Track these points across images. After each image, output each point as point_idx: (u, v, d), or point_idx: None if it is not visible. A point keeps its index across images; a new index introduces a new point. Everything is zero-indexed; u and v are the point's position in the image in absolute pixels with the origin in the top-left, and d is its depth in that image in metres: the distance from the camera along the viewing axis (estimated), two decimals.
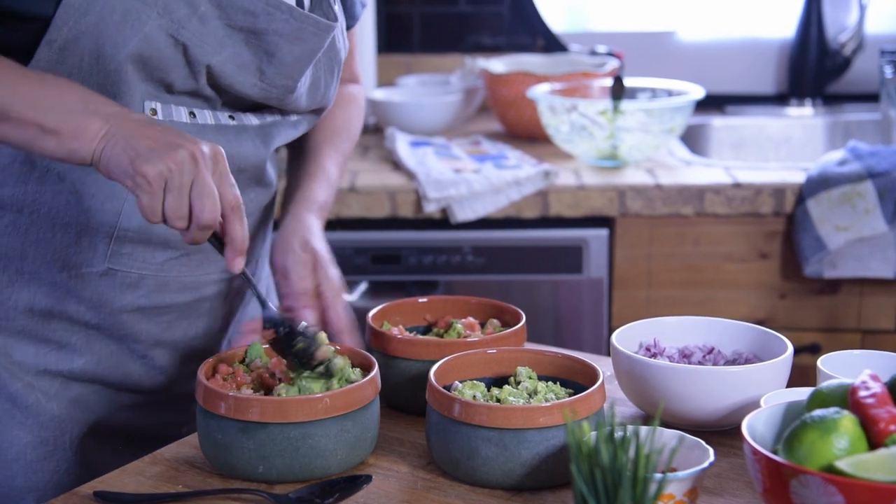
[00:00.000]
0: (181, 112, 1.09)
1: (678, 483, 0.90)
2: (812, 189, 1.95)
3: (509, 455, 0.97)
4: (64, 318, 1.14)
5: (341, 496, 0.97)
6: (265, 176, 1.21)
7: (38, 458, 1.15)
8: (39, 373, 1.15)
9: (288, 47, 1.10)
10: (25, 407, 1.15)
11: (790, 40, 2.54)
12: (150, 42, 1.03)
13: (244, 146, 1.14)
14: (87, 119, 0.97)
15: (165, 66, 1.05)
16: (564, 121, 2.08)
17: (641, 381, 1.09)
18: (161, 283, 1.15)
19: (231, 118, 1.13)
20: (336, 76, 1.22)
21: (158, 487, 1.01)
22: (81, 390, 1.17)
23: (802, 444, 0.85)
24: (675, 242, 2.01)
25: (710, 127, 2.47)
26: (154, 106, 1.07)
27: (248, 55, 1.09)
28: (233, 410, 0.98)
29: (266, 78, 1.11)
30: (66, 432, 1.17)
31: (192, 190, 0.96)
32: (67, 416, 1.17)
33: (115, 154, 0.96)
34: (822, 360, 1.09)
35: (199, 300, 1.19)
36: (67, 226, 1.11)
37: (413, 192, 1.98)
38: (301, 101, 1.18)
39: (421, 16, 2.60)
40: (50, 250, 1.12)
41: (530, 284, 2.01)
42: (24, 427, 1.15)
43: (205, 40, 1.06)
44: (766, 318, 2.01)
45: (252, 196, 1.19)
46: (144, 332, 1.17)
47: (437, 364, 1.06)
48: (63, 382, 1.16)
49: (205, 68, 1.07)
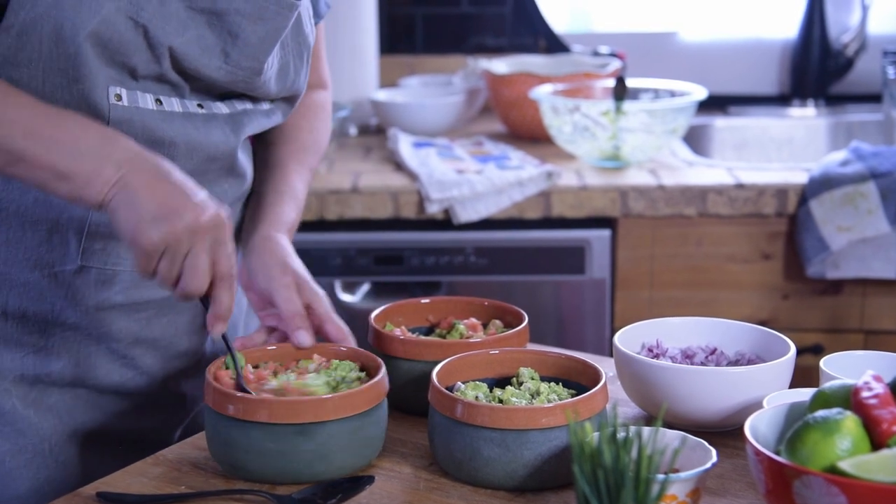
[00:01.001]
0: (147, 99, 1.08)
1: (681, 484, 0.90)
2: (815, 190, 1.95)
3: (512, 456, 0.97)
4: (39, 320, 1.12)
5: (344, 497, 0.97)
6: (237, 165, 1.19)
7: (17, 465, 1.13)
8: (16, 378, 1.13)
9: (251, 27, 1.09)
10: (2, 414, 1.12)
11: (793, 41, 2.54)
12: (108, 24, 1.02)
13: (213, 134, 1.13)
14: (101, 165, 0.99)
15: (126, 50, 1.04)
16: (567, 121, 2.08)
17: (644, 381, 1.09)
18: (137, 279, 1.13)
19: (200, 106, 1.12)
20: (306, 62, 1.21)
21: (161, 488, 1.01)
22: (61, 396, 1.15)
23: (805, 445, 0.85)
24: (677, 243, 2.01)
25: (713, 127, 2.47)
26: (119, 91, 1.06)
27: (211, 37, 1.08)
28: (241, 412, 0.98)
29: (231, 60, 1.10)
30: (44, 440, 1.14)
31: (184, 260, 0.99)
32: (46, 424, 1.14)
33: (121, 210, 0.98)
34: (825, 361, 1.09)
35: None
36: (37, 223, 1.10)
37: (416, 193, 1.98)
38: (270, 85, 1.16)
39: (423, 16, 2.60)
40: (21, 249, 1.10)
41: (533, 285, 2.01)
42: (2, 434, 1.12)
43: (166, 22, 1.05)
44: (769, 319, 2.01)
45: (225, 187, 1.18)
46: (123, 329, 1.15)
47: (439, 365, 1.06)
48: (42, 388, 1.14)
49: (167, 51, 1.06)
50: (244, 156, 1.22)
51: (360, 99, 2.40)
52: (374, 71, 2.44)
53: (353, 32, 2.39)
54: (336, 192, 1.98)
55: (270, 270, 1.14)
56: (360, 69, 2.41)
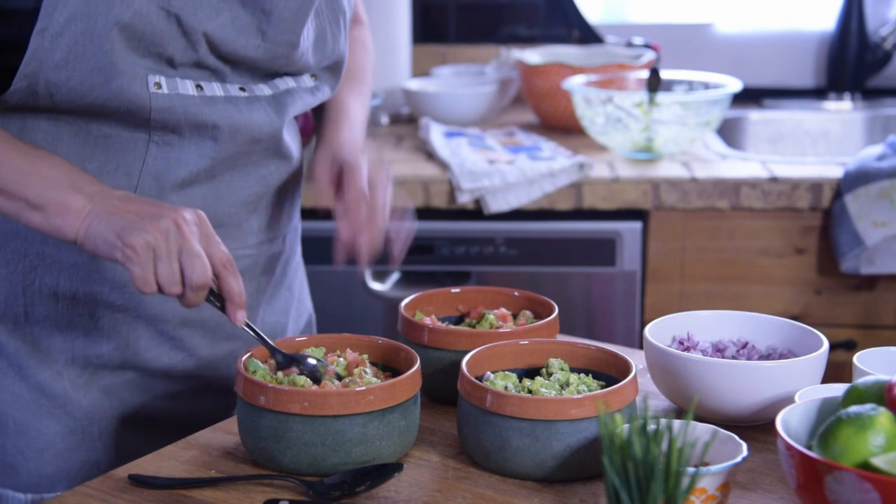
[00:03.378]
0: (187, 85, 1.08)
1: (711, 477, 0.90)
2: (850, 184, 1.93)
3: (541, 446, 0.97)
4: (89, 302, 1.14)
5: (373, 484, 0.98)
6: (282, 146, 1.19)
7: (68, 447, 1.16)
8: (68, 361, 1.15)
9: (285, 2, 1.09)
10: (53, 396, 1.15)
11: (830, 33, 2.52)
12: (141, 16, 1.02)
13: (256, 116, 1.13)
14: (72, 196, 1.00)
15: (161, 40, 1.04)
16: (599, 113, 2.07)
17: (674, 374, 1.09)
18: None
19: (242, 89, 1.12)
20: (343, 28, 1.21)
21: (192, 472, 1.02)
22: (112, 379, 1.17)
23: (837, 441, 0.84)
24: (709, 236, 1.99)
25: (747, 120, 2.45)
26: (158, 80, 1.06)
27: (245, 17, 1.08)
28: (272, 403, 0.99)
29: (268, 37, 1.10)
30: (94, 423, 1.16)
31: (180, 255, 0.99)
32: (96, 407, 1.16)
33: (100, 231, 0.99)
34: (859, 357, 1.08)
35: None
36: None
37: (447, 183, 1.98)
38: (308, 56, 1.16)
39: (456, 6, 2.60)
40: None
41: (563, 276, 2.01)
42: (53, 416, 1.15)
43: (198, 7, 1.05)
44: (802, 314, 2.00)
45: (272, 168, 1.19)
46: (170, 311, 1.16)
47: (469, 354, 1.06)
48: (93, 371, 1.16)
49: (203, 37, 1.06)
50: (290, 137, 1.23)
51: (392, 88, 2.40)
52: (406, 60, 2.44)
53: (386, 22, 2.39)
54: None
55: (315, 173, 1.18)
56: (392, 58, 2.41)
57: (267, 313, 1.27)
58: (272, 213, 1.21)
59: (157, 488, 0.99)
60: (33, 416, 1.15)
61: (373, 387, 0.99)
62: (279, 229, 1.24)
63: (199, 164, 1.11)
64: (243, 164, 1.15)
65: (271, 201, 1.21)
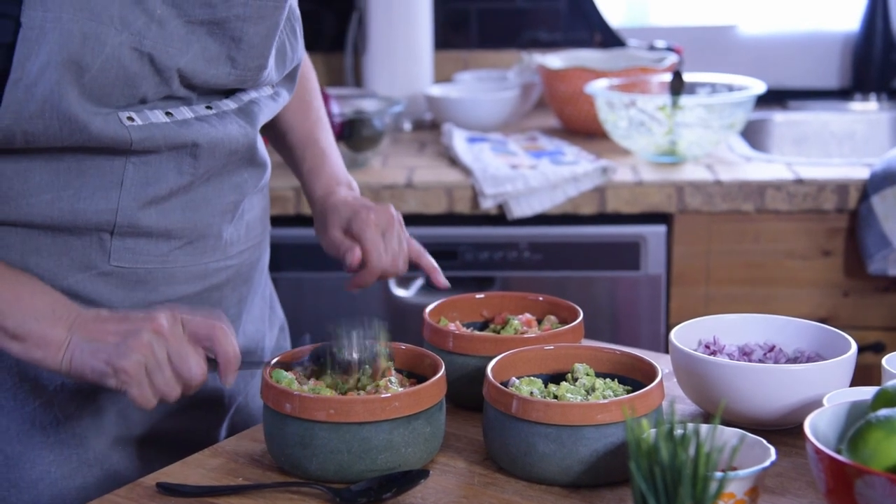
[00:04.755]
0: (157, 115, 1.07)
1: (739, 482, 0.89)
2: (877, 185, 1.91)
3: (567, 452, 0.97)
4: None
5: (399, 491, 0.98)
6: (257, 156, 1.20)
7: (63, 476, 1.14)
8: (57, 388, 1.13)
9: (253, 29, 1.09)
10: (44, 426, 1.13)
11: (854, 33, 2.50)
12: (114, 60, 1.01)
13: (230, 129, 1.13)
14: (52, 328, 1.00)
15: (134, 82, 1.03)
16: (622, 116, 2.07)
17: (701, 378, 1.08)
18: (169, 275, 1.14)
19: (208, 108, 1.12)
20: (299, 35, 1.22)
21: (219, 480, 1.02)
22: (103, 402, 1.15)
23: (867, 444, 0.83)
24: (734, 239, 1.98)
25: (772, 122, 2.44)
26: (131, 114, 1.06)
27: (215, 47, 1.07)
28: (298, 410, 0.99)
29: (238, 64, 1.10)
30: (88, 449, 1.15)
31: (172, 362, 1.00)
32: (88, 432, 1.15)
33: (85, 361, 1.00)
34: (888, 359, 1.07)
35: (208, 289, 1.18)
36: (65, 230, 1.09)
37: (470, 188, 1.98)
38: (272, 73, 1.17)
39: (478, 11, 2.60)
40: (51, 257, 1.10)
41: (587, 281, 2.00)
42: (45, 446, 1.13)
43: (169, 43, 1.04)
44: (829, 317, 1.98)
45: (245, 176, 1.18)
46: None
47: (494, 360, 1.06)
48: (83, 397, 1.14)
49: (175, 73, 1.06)
50: (261, 143, 1.23)
51: (414, 94, 2.41)
52: (428, 66, 2.44)
53: (407, 27, 2.40)
54: (390, 188, 1.98)
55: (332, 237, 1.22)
56: (414, 64, 2.42)
57: (247, 322, 1.26)
58: (248, 221, 1.22)
59: (184, 496, 0.99)
60: (24, 447, 1.13)
61: (398, 393, 0.99)
62: (255, 237, 1.24)
63: (178, 180, 1.10)
64: (218, 174, 1.14)
65: (247, 209, 1.21)
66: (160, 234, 1.12)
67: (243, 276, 1.23)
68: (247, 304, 1.25)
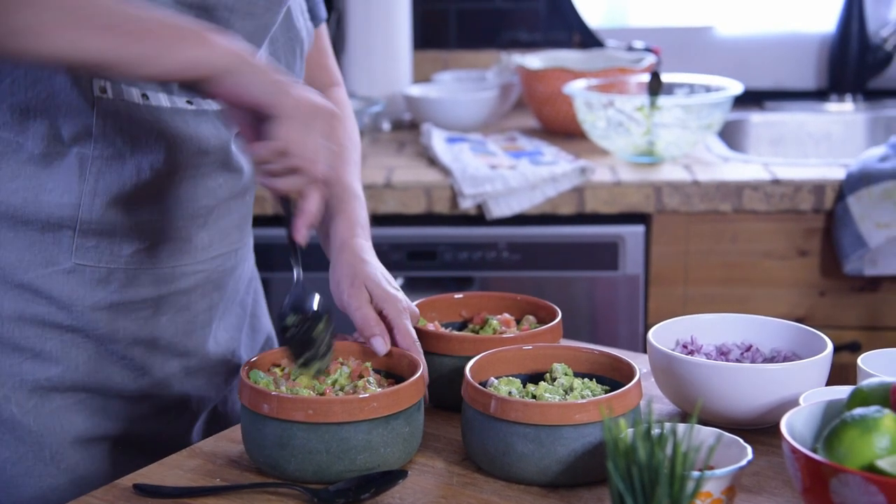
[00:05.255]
0: (132, 93, 1.06)
1: (716, 481, 0.89)
2: (852, 185, 1.93)
3: (545, 451, 0.97)
4: (36, 323, 1.11)
5: (377, 491, 0.98)
6: (232, 160, 1.16)
7: (18, 473, 1.12)
8: (15, 384, 1.11)
9: (240, 23, 1.08)
10: (1, 422, 1.11)
11: (831, 35, 2.51)
12: None
13: (203, 129, 1.11)
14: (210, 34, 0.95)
15: None
16: (601, 117, 2.07)
17: (678, 378, 1.08)
18: (132, 277, 1.12)
19: (189, 102, 1.10)
20: (299, 58, 1.20)
21: (196, 481, 1.02)
22: (62, 401, 1.13)
23: (842, 443, 0.84)
24: (712, 239, 1.99)
25: (749, 123, 2.45)
26: (104, 84, 1.04)
27: None
28: (276, 411, 0.99)
29: None
30: (44, 447, 1.12)
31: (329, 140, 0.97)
32: (46, 431, 1.12)
33: (257, 79, 0.95)
34: (863, 359, 1.08)
35: (174, 293, 1.16)
36: (28, 224, 1.08)
37: (449, 189, 1.98)
38: None
39: (457, 11, 2.60)
40: (13, 251, 1.09)
41: (566, 281, 2.01)
42: (1, 443, 1.11)
43: None
44: (806, 316, 1.99)
45: (220, 181, 1.16)
46: (120, 329, 1.13)
47: (472, 360, 1.06)
48: (42, 394, 1.12)
49: None
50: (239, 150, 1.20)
51: (393, 94, 2.40)
52: (407, 66, 2.44)
53: (386, 27, 2.39)
54: (369, 187, 1.98)
55: (341, 285, 1.14)
56: (393, 64, 2.41)
57: (219, 329, 1.24)
58: (223, 227, 1.19)
59: (161, 497, 0.98)
60: None
61: (376, 394, 0.99)
62: (231, 244, 1.21)
63: (143, 177, 1.09)
64: (191, 175, 1.12)
65: (221, 215, 1.18)
66: (124, 234, 1.10)
67: (214, 282, 1.20)
68: (218, 311, 1.22)
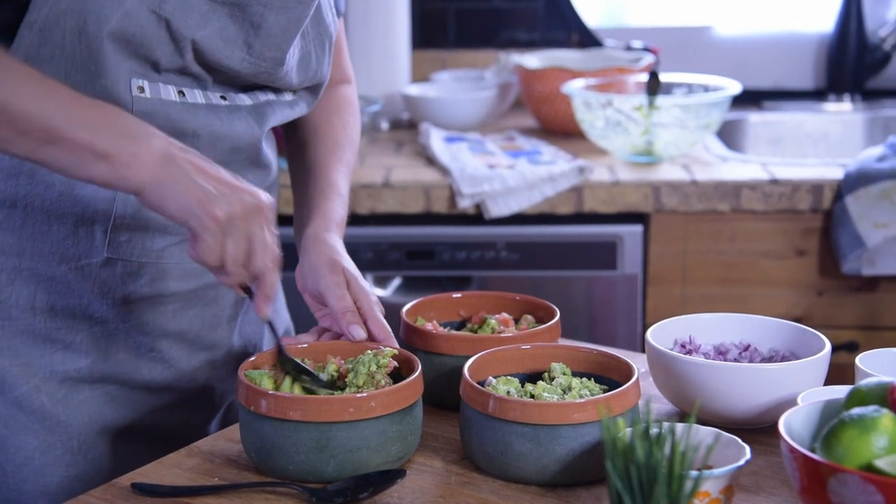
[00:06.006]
0: (169, 90, 1.08)
1: (714, 480, 0.90)
2: (850, 185, 1.93)
3: (543, 451, 0.97)
4: (67, 315, 1.13)
5: (376, 490, 0.98)
6: (261, 157, 1.19)
7: (46, 462, 1.13)
8: (46, 376, 1.13)
9: (273, 17, 1.09)
10: (31, 411, 1.13)
11: (829, 35, 2.52)
12: (131, 18, 1.02)
13: (236, 126, 1.13)
14: (140, 145, 0.97)
15: (149, 43, 1.04)
16: (599, 116, 2.07)
17: (677, 377, 1.09)
18: (162, 271, 1.14)
19: (223, 98, 1.12)
20: (328, 52, 1.21)
21: (195, 480, 1.01)
22: (90, 393, 1.15)
23: (841, 443, 0.84)
24: (710, 239, 1.99)
25: (747, 122, 2.45)
26: (141, 84, 1.06)
27: (233, 29, 1.08)
28: (274, 410, 0.99)
29: (254, 51, 1.10)
30: (73, 437, 1.14)
31: (251, 239, 0.99)
32: (75, 421, 1.14)
33: (177, 192, 0.96)
34: (861, 358, 1.08)
35: (202, 287, 1.18)
36: (62, 217, 1.10)
37: (447, 188, 1.98)
38: (292, 75, 1.16)
39: (455, 11, 2.60)
40: (47, 244, 1.10)
41: (564, 280, 2.01)
42: (30, 431, 1.13)
43: (188, 15, 1.04)
44: (804, 316, 1.99)
45: (250, 178, 1.18)
46: (150, 322, 1.15)
47: (471, 360, 1.06)
48: (71, 385, 1.14)
49: (190, 44, 1.06)
50: (268, 147, 1.22)
51: (391, 93, 2.40)
52: (405, 65, 2.44)
53: (385, 27, 2.39)
54: (368, 187, 1.98)
55: (319, 269, 1.14)
56: (391, 64, 2.41)
57: (244, 323, 1.26)
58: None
59: (159, 496, 0.98)
60: (10, 431, 1.13)
61: (374, 393, 0.99)
62: None
63: None
64: None
65: None
66: (156, 229, 1.12)
67: None
68: (244, 305, 1.25)
